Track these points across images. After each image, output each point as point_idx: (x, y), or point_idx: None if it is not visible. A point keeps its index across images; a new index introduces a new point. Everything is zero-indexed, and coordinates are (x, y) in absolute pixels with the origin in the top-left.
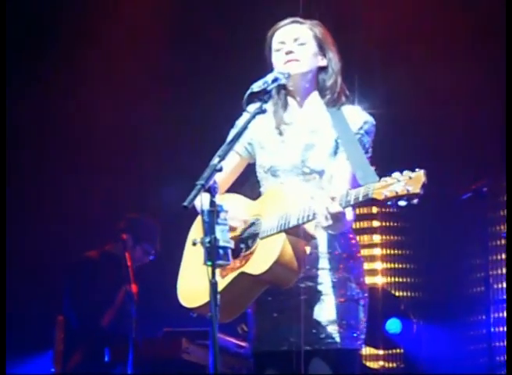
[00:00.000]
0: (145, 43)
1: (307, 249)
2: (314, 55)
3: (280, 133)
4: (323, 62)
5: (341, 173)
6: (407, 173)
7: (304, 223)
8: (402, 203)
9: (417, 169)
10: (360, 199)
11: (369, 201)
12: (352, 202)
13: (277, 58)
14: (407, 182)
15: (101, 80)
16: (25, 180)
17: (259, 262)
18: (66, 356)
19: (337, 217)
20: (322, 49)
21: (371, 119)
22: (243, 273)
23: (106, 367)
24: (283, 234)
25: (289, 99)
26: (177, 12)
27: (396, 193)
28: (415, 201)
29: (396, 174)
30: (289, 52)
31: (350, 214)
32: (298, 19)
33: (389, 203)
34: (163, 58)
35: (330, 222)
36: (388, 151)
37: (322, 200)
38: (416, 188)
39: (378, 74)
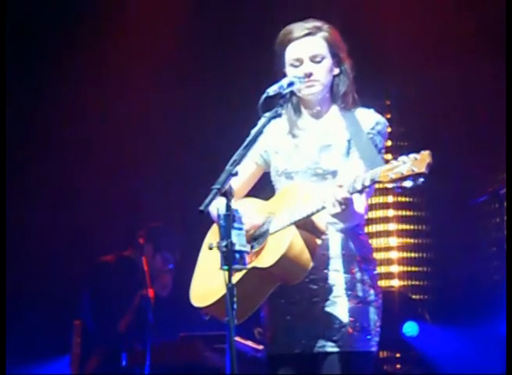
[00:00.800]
0: (153, 45)
1: (318, 243)
2: (330, 68)
3: (294, 138)
4: (336, 71)
5: (354, 170)
6: (412, 155)
7: (313, 214)
8: (407, 183)
9: (422, 151)
10: (367, 184)
11: (375, 183)
12: (359, 188)
13: (293, 74)
14: (413, 163)
15: (118, 84)
16: (47, 184)
17: (269, 255)
18: (83, 360)
19: (344, 204)
20: (337, 58)
21: (383, 120)
22: (253, 268)
23: (123, 371)
24: (293, 227)
25: (303, 105)
26: (187, 12)
27: (402, 174)
28: (420, 180)
29: (401, 157)
30: (309, 74)
31: (360, 206)
32: (310, 27)
33: (394, 185)
34: (175, 59)
35: (338, 209)
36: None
37: (331, 187)
38: (421, 168)
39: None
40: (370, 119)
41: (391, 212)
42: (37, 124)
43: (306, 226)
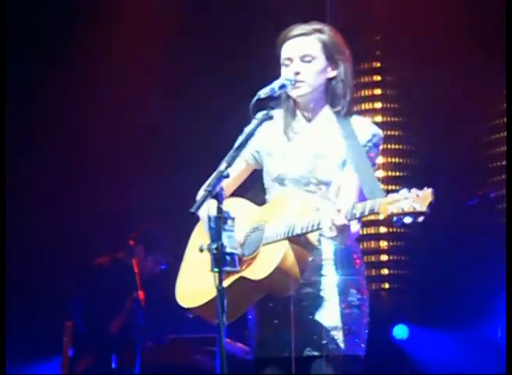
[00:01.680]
0: (153, 46)
1: (309, 258)
2: (322, 70)
3: (288, 141)
4: (333, 73)
5: (348, 185)
6: (414, 190)
7: (307, 233)
8: (407, 220)
9: (425, 188)
10: (366, 213)
11: (374, 214)
12: (357, 215)
13: (284, 73)
14: (415, 200)
15: (115, 85)
16: (40, 186)
17: (260, 267)
18: (74, 362)
19: (341, 229)
20: (332, 60)
21: (379, 132)
22: (242, 278)
23: (113, 373)
24: (286, 242)
25: (299, 108)
26: (187, 10)
27: (403, 210)
28: (421, 219)
29: (403, 191)
30: (296, 73)
31: (355, 226)
32: (307, 28)
33: (394, 219)
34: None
35: (334, 233)
36: (395, 156)
37: (328, 211)
38: (423, 206)
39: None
40: (366, 130)
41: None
42: (34, 123)
43: (298, 240)
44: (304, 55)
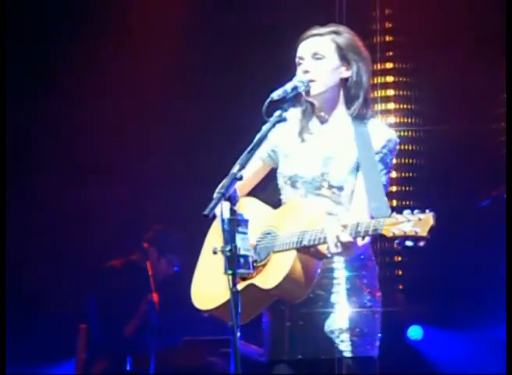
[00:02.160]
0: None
1: (319, 267)
2: (334, 69)
3: (303, 142)
4: (347, 74)
5: (361, 193)
6: (417, 213)
7: (315, 245)
8: (409, 243)
9: (427, 211)
10: (370, 233)
11: (377, 236)
12: (362, 234)
13: (297, 73)
14: (416, 223)
15: (123, 88)
16: (53, 187)
17: (269, 276)
18: (89, 365)
19: (347, 247)
20: (346, 60)
21: (394, 137)
22: (252, 285)
23: None
24: (294, 252)
25: (314, 109)
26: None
27: (404, 233)
28: (422, 243)
29: (406, 212)
30: (305, 72)
31: (361, 242)
32: (322, 30)
33: (396, 242)
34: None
35: (339, 250)
36: (410, 158)
37: (334, 227)
38: (423, 231)
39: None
40: (381, 135)
41: None
42: (41, 124)
43: (308, 249)
44: (315, 52)
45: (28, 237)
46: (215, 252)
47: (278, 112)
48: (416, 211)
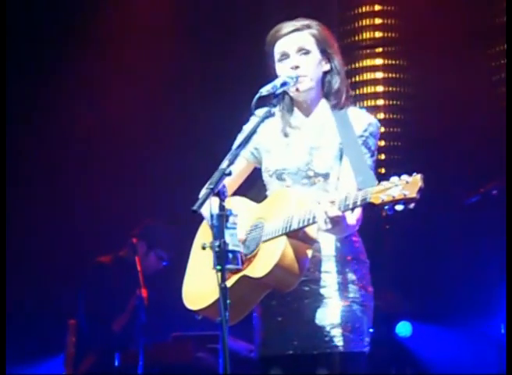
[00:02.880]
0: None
1: (310, 252)
2: (318, 63)
3: (286, 136)
4: (327, 67)
5: (346, 176)
6: (404, 177)
7: (305, 227)
8: (399, 207)
9: (414, 174)
10: (359, 203)
11: (367, 205)
12: (351, 206)
13: (281, 69)
14: (404, 187)
15: (116, 87)
16: (43, 184)
17: (260, 265)
18: (77, 360)
19: (336, 221)
20: (326, 54)
21: (375, 121)
22: (244, 277)
23: (116, 371)
24: (284, 237)
25: (295, 103)
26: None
27: (393, 197)
28: (412, 205)
29: (393, 178)
30: (295, 67)
31: (353, 218)
32: (297, 24)
33: (386, 207)
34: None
35: (329, 226)
36: (396, 153)
37: (322, 203)
38: (412, 193)
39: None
40: (362, 120)
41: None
42: (36, 126)
43: (297, 234)
44: (300, 47)
45: (16, 233)
46: (203, 248)
47: (266, 108)
48: (403, 175)
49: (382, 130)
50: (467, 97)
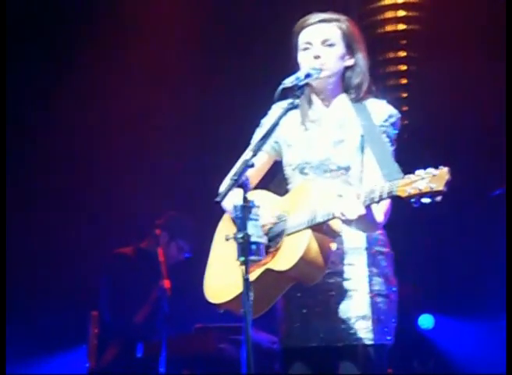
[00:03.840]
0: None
1: (333, 246)
2: (341, 56)
3: (306, 130)
4: (350, 62)
5: (372, 169)
6: (430, 170)
7: (329, 220)
8: (425, 200)
9: (440, 167)
10: (385, 197)
11: (393, 198)
12: (376, 199)
13: (303, 58)
14: (431, 179)
15: (127, 84)
16: (62, 177)
17: (285, 258)
18: (100, 351)
19: (360, 217)
20: (350, 49)
21: (395, 112)
22: (268, 270)
23: (139, 363)
24: (309, 231)
25: (315, 97)
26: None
27: (420, 190)
28: (439, 198)
29: (419, 171)
30: (316, 57)
31: (380, 214)
32: (326, 16)
33: (412, 200)
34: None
35: (353, 217)
36: (420, 146)
37: (346, 197)
38: (440, 186)
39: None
40: (382, 111)
41: None
42: (50, 117)
43: (321, 228)
44: (325, 39)
45: (38, 225)
46: (227, 239)
47: (290, 100)
48: (429, 168)
49: (405, 122)
50: (489, 89)
